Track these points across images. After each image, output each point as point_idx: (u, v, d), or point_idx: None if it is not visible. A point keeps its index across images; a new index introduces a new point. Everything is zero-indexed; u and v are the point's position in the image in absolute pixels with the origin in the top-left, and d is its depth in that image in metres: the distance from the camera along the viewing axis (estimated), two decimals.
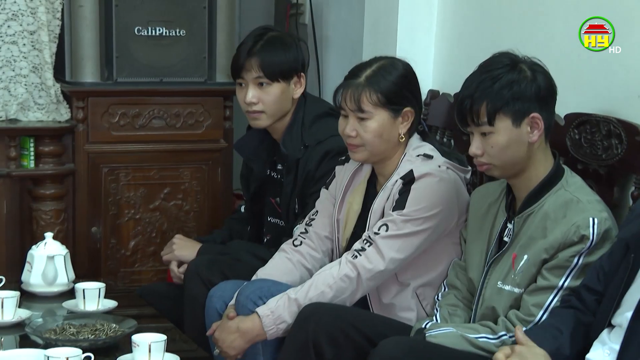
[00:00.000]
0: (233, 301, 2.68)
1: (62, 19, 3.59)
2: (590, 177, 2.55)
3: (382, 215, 2.64)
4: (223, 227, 3.37)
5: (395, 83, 2.64)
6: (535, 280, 2.33)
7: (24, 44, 3.56)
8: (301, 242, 2.83)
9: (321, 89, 4.03)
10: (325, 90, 3.99)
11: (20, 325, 2.62)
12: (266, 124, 3.06)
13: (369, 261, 2.57)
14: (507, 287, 2.38)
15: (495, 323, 2.37)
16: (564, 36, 2.79)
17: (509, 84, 2.32)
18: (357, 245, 2.62)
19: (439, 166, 2.63)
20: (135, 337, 2.34)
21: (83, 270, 3.38)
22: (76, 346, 2.31)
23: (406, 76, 2.68)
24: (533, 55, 2.41)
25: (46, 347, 2.33)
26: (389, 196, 2.64)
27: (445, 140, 3.17)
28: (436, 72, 3.37)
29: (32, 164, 3.52)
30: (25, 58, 3.56)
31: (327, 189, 2.86)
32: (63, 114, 3.60)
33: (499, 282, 2.40)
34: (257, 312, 2.57)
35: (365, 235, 2.63)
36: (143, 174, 3.65)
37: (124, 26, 3.57)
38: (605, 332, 2.08)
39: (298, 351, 2.48)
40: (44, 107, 3.59)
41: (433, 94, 3.28)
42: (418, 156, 2.65)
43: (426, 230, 2.59)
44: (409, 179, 2.61)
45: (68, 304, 2.77)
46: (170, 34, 3.62)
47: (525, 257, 2.35)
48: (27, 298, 2.83)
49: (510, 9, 3.05)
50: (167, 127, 3.67)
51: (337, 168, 2.86)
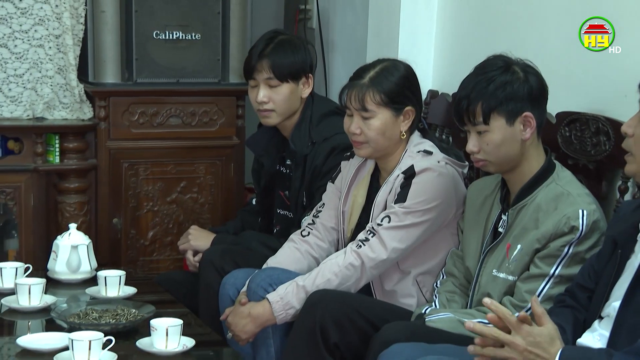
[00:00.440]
0: (245, 288, 2.68)
1: (85, 24, 3.59)
2: (580, 172, 2.55)
3: (385, 207, 2.64)
4: (236, 219, 3.37)
5: (397, 84, 2.64)
6: (528, 268, 2.33)
7: (50, 47, 3.56)
8: (309, 233, 2.83)
9: (327, 89, 4.03)
10: (331, 90, 3.99)
11: (46, 310, 2.62)
12: (276, 122, 3.06)
13: (373, 251, 2.57)
14: (502, 275, 2.38)
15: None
16: (556, 39, 2.79)
17: (503, 85, 2.32)
18: (361, 235, 2.62)
19: (438, 161, 2.63)
20: (153, 322, 2.34)
21: (105, 259, 3.39)
22: (98, 330, 2.32)
23: (407, 77, 2.68)
24: (526, 57, 2.40)
25: (70, 331, 2.34)
26: (391, 189, 2.64)
27: (444, 137, 3.17)
28: (435, 73, 3.37)
29: (58, 160, 3.53)
30: (51, 60, 3.57)
31: (333, 183, 2.86)
32: (86, 113, 3.60)
33: (494, 270, 2.40)
34: (268, 299, 2.58)
35: (368, 226, 2.63)
36: (161, 169, 3.65)
37: (143, 30, 3.57)
38: (595, 323, 2.07)
39: (306, 335, 2.48)
40: (69, 106, 3.59)
41: (433, 94, 3.28)
42: (418, 152, 2.65)
43: (426, 221, 2.59)
44: (410, 174, 2.61)
45: (91, 291, 2.78)
46: (186, 38, 3.63)
47: (518, 247, 2.35)
48: (53, 285, 2.84)
49: (505, 14, 3.04)
50: (183, 125, 3.67)
51: (343, 163, 2.86)
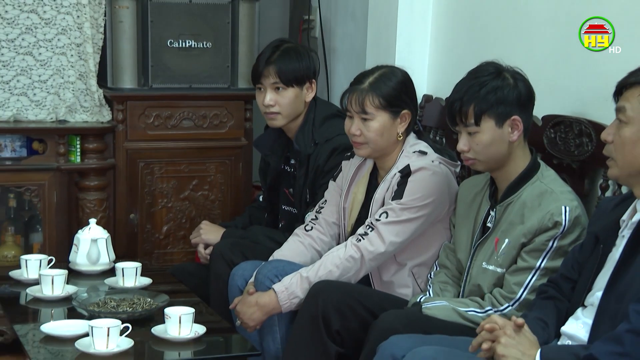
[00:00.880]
0: (252, 279, 2.68)
1: (105, 33, 3.59)
2: (564, 171, 2.55)
3: (383, 204, 2.65)
4: (244, 214, 3.37)
5: (394, 88, 2.64)
6: (515, 261, 2.34)
7: (72, 55, 3.56)
8: (312, 228, 2.83)
9: (329, 94, 4.03)
10: (333, 94, 3.99)
11: (68, 299, 2.63)
12: (281, 124, 3.06)
13: (371, 244, 2.57)
14: (491, 267, 2.38)
15: (482, 299, 2.37)
16: (542, 47, 2.78)
17: (494, 90, 2.32)
18: (361, 230, 2.62)
19: (432, 161, 2.63)
20: (167, 310, 2.34)
21: (122, 251, 3.39)
22: (116, 317, 2.33)
23: (404, 82, 2.68)
24: (513, 64, 2.41)
25: (90, 318, 2.34)
26: (389, 187, 2.65)
27: (437, 138, 3.17)
28: (430, 79, 3.37)
29: (79, 159, 3.53)
30: (72, 67, 3.57)
31: (335, 181, 2.87)
32: (105, 116, 3.61)
33: (484, 263, 2.40)
34: (274, 289, 2.58)
35: (367, 221, 2.63)
36: (174, 168, 3.66)
37: (158, 39, 3.57)
38: (579, 310, 2.07)
39: (309, 323, 2.49)
40: (89, 110, 3.59)
41: (427, 98, 3.28)
42: (414, 152, 2.66)
43: (421, 217, 2.59)
44: (406, 172, 2.61)
45: (109, 281, 2.79)
46: (198, 46, 3.63)
47: (506, 241, 2.35)
48: (74, 276, 2.84)
49: (494, 25, 3.04)
50: (195, 127, 3.67)
51: (344, 162, 2.86)
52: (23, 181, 3.49)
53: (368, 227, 2.60)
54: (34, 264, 2.80)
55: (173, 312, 2.32)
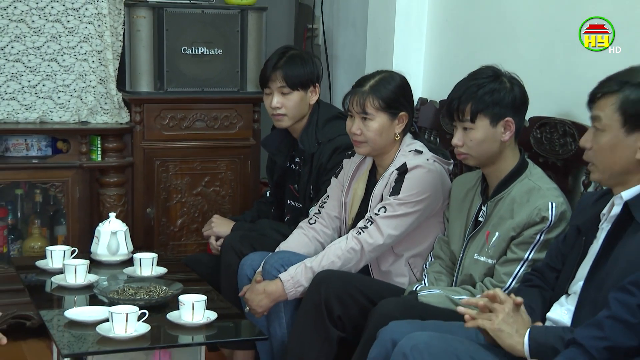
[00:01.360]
0: (260, 269, 2.68)
1: (123, 41, 3.59)
2: (549, 169, 2.54)
3: (381, 199, 2.64)
4: (252, 209, 3.37)
5: (393, 92, 2.64)
6: (505, 253, 2.33)
7: (93, 61, 3.56)
8: (315, 221, 2.82)
9: (332, 97, 4.02)
10: (335, 97, 3.99)
11: (89, 287, 2.62)
12: (287, 125, 3.06)
13: (371, 237, 2.57)
14: (482, 259, 2.37)
15: (473, 287, 2.37)
16: (528, 54, 2.78)
17: (491, 92, 2.32)
18: (361, 223, 2.61)
19: (427, 159, 2.62)
20: (181, 297, 2.34)
21: (139, 243, 3.39)
22: (134, 304, 2.32)
23: (402, 86, 2.68)
24: (503, 68, 2.41)
25: (110, 305, 2.33)
26: (387, 184, 2.64)
27: (432, 138, 3.16)
28: (425, 83, 3.36)
29: (99, 158, 3.53)
30: (94, 72, 3.57)
31: (337, 178, 2.86)
32: (124, 117, 3.60)
33: (476, 254, 2.39)
34: (280, 278, 2.57)
35: (367, 215, 2.63)
36: (188, 166, 3.65)
37: (173, 46, 3.57)
38: (563, 297, 2.07)
39: (313, 309, 2.48)
40: (109, 112, 3.59)
41: (422, 101, 3.27)
42: (410, 151, 2.65)
43: (417, 211, 2.58)
44: (403, 170, 2.60)
45: (128, 270, 2.78)
46: (210, 53, 3.62)
47: (496, 234, 2.34)
48: (95, 265, 2.83)
49: (484, 33, 3.03)
50: (207, 128, 3.66)
51: (345, 161, 2.86)
52: (48, 178, 3.49)
53: (367, 221, 2.59)
54: (59, 255, 2.79)
55: (187, 299, 2.31)
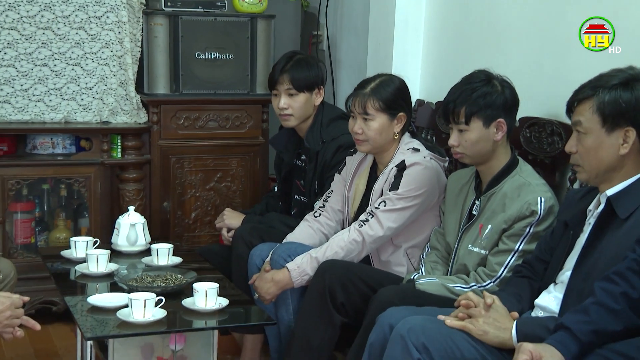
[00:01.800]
0: (269, 258, 2.67)
1: (142, 47, 3.59)
2: (538, 165, 2.53)
3: (381, 194, 2.63)
4: (261, 203, 3.36)
5: (393, 94, 2.63)
6: (497, 244, 2.32)
7: (114, 65, 3.55)
8: (320, 214, 2.82)
9: (335, 98, 4.01)
10: (338, 99, 3.98)
11: (110, 275, 2.61)
12: (294, 125, 3.05)
13: (371, 229, 2.56)
14: (476, 249, 2.37)
15: (467, 276, 2.36)
16: (518, 58, 2.77)
17: (484, 95, 2.31)
18: (363, 217, 2.61)
19: (424, 157, 2.61)
20: (195, 285, 2.33)
21: (156, 234, 3.38)
22: (151, 291, 2.32)
23: (401, 89, 2.67)
24: (495, 71, 2.39)
25: (129, 292, 2.33)
26: (387, 179, 2.63)
27: (429, 137, 3.15)
28: (422, 86, 3.35)
29: (119, 155, 3.52)
30: (114, 76, 3.56)
31: (340, 174, 2.85)
32: (142, 118, 3.59)
33: (469, 245, 2.39)
34: (287, 267, 2.57)
35: (368, 209, 2.62)
36: (201, 163, 3.64)
37: (188, 52, 3.56)
38: (551, 286, 2.07)
39: (317, 296, 2.48)
40: (128, 113, 3.58)
41: (420, 102, 3.25)
42: (408, 149, 2.64)
43: (414, 205, 2.57)
44: (402, 167, 2.59)
45: (145, 260, 2.77)
46: (222, 57, 3.61)
47: (489, 227, 2.34)
48: (115, 255, 2.83)
49: (477, 39, 3.02)
50: (220, 128, 3.66)
51: (347, 158, 2.85)
52: (72, 174, 3.49)
53: (369, 214, 2.58)
54: (82, 245, 2.79)
55: (200, 287, 2.31)
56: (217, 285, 2.34)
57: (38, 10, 3.44)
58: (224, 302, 2.33)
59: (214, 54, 3.60)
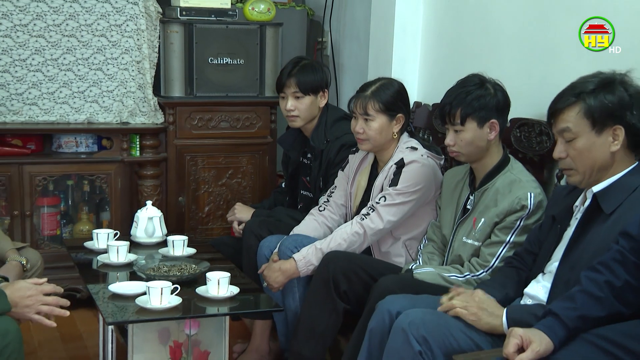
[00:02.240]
0: (276, 249, 2.67)
1: (159, 52, 3.58)
2: (527, 163, 2.52)
3: (382, 189, 2.62)
4: (270, 198, 3.35)
5: (392, 96, 2.62)
6: (489, 236, 2.31)
7: (133, 70, 3.55)
8: (324, 208, 2.81)
9: (338, 100, 4.00)
10: (341, 101, 3.97)
11: (129, 265, 2.61)
12: (300, 125, 3.04)
13: (372, 222, 2.55)
14: (470, 241, 2.36)
15: (461, 266, 2.35)
16: (510, 63, 2.75)
17: (477, 98, 2.31)
18: (364, 211, 2.60)
19: (422, 155, 2.60)
20: (208, 274, 2.33)
21: (172, 227, 3.38)
22: (168, 280, 2.32)
23: (400, 92, 2.66)
24: (488, 75, 2.38)
25: (147, 280, 2.33)
26: (386, 176, 2.62)
27: (426, 136, 3.13)
28: (420, 88, 3.34)
29: (138, 153, 3.52)
30: (133, 79, 3.56)
31: (343, 171, 2.84)
32: (159, 119, 3.59)
33: (464, 237, 2.38)
34: (294, 257, 2.56)
35: (369, 204, 2.61)
36: (214, 160, 3.64)
37: (201, 57, 3.55)
38: (540, 276, 2.06)
39: (322, 285, 2.47)
40: (146, 114, 3.58)
41: (417, 104, 3.24)
42: (407, 148, 2.63)
43: (412, 200, 2.56)
44: (401, 164, 2.58)
45: (162, 251, 2.77)
46: (233, 62, 3.61)
47: (482, 220, 2.33)
48: (134, 246, 2.83)
49: (471, 45, 3.01)
50: (231, 128, 3.65)
51: (350, 156, 2.84)
52: (95, 171, 3.49)
53: (370, 209, 2.58)
54: (103, 237, 2.79)
55: (213, 276, 2.31)
56: (229, 274, 2.33)
57: (63, 19, 3.44)
58: (235, 290, 2.33)
59: (226, 59, 3.60)
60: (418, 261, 2.51)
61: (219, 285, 2.29)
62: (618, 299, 1.75)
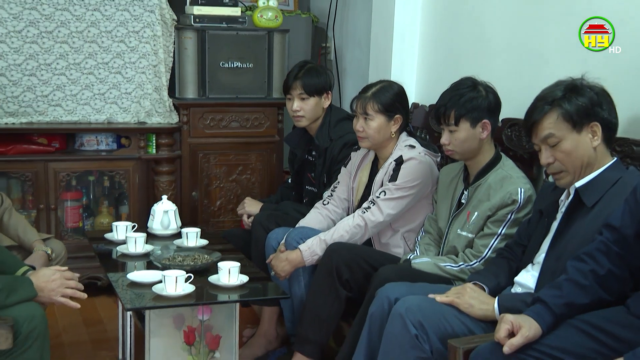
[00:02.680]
0: (283, 241, 2.67)
1: (174, 57, 3.59)
2: (518, 160, 2.51)
3: (382, 185, 2.62)
4: (277, 192, 3.35)
5: (391, 98, 2.62)
6: (482, 229, 2.31)
7: (150, 73, 3.55)
8: (328, 202, 2.81)
9: (341, 102, 4.00)
10: (344, 102, 3.96)
11: (146, 255, 2.61)
12: (305, 125, 3.04)
13: (373, 215, 2.55)
14: (464, 233, 2.35)
15: (456, 256, 2.35)
16: (501, 66, 2.75)
17: (470, 100, 2.30)
18: (365, 204, 2.59)
19: (419, 153, 2.60)
20: (220, 264, 2.32)
21: (186, 220, 3.39)
22: (182, 269, 2.31)
23: (399, 94, 2.65)
24: (481, 78, 2.38)
25: (163, 269, 2.33)
26: (386, 172, 2.62)
27: (423, 135, 3.12)
28: (417, 91, 3.33)
29: (154, 151, 3.52)
30: (150, 82, 3.56)
31: (345, 167, 2.84)
32: (174, 119, 3.59)
33: (458, 230, 2.37)
34: (299, 248, 2.56)
35: (370, 198, 2.61)
36: (225, 158, 3.64)
37: (213, 61, 3.55)
38: (529, 266, 2.07)
39: (326, 274, 2.47)
40: (162, 114, 3.58)
41: (415, 105, 3.23)
42: (405, 146, 2.63)
43: (410, 195, 2.56)
44: (400, 161, 2.58)
45: (177, 242, 2.76)
46: (243, 66, 3.61)
47: (476, 214, 2.32)
48: (151, 237, 2.82)
49: (466, 50, 3.00)
50: (241, 127, 3.65)
51: (352, 153, 2.84)
52: (114, 167, 3.50)
53: (370, 202, 2.57)
54: (122, 229, 2.79)
55: (224, 265, 2.30)
56: (239, 264, 2.33)
57: (86, 26, 3.45)
58: (245, 279, 2.33)
59: (236, 63, 3.59)
60: (415, 252, 2.50)
61: (230, 274, 2.29)
62: (602, 287, 1.76)
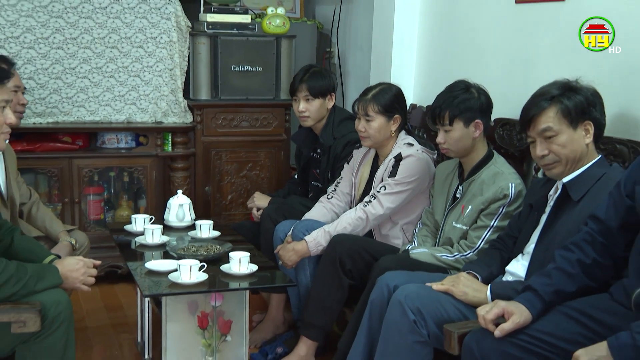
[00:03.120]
0: (290, 232, 2.67)
1: (188, 61, 3.58)
2: (509, 157, 2.50)
3: (382, 180, 2.61)
4: (284, 188, 3.35)
5: (390, 99, 2.61)
6: (476, 221, 2.31)
7: (166, 76, 3.55)
8: (332, 197, 2.80)
9: (344, 102, 3.99)
10: (347, 103, 3.96)
11: (163, 245, 2.61)
12: (311, 124, 3.03)
13: (374, 208, 2.55)
14: (459, 225, 2.35)
15: (451, 247, 2.34)
16: (494, 69, 2.74)
17: (463, 101, 2.30)
18: (366, 198, 2.59)
19: (417, 150, 2.60)
20: (231, 254, 2.32)
21: (200, 212, 3.39)
22: (196, 258, 2.31)
23: (398, 95, 2.65)
24: (474, 81, 2.37)
25: (178, 259, 2.33)
26: (386, 168, 2.61)
27: (420, 134, 3.12)
28: (415, 92, 3.32)
29: (170, 149, 3.52)
30: (166, 85, 3.56)
31: (348, 164, 2.84)
32: (188, 119, 3.59)
33: (454, 222, 2.37)
34: (305, 239, 2.56)
35: (371, 192, 2.61)
36: (236, 155, 3.64)
37: (225, 65, 3.55)
38: (519, 255, 2.07)
39: (330, 263, 2.48)
40: (177, 114, 3.58)
41: (413, 106, 3.23)
42: (404, 144, 2.62)
43: (409, 189, 2.56)
44: (399, 158, 2.58)
45: (191, 233, 2.77)
46: (252, 70, 3.60)
47: (470, 207, 2.32)
48: (167, 229, 2.82)
49: (461, 54, 2.99)
50: (251, 127, 3.65)
51: (354, 151, 2.83)
52: (133, 164, 3.50)
53: (371, 197, 2.57)
54: (141, 221, 2.79)
55: (235, 255, 2.30)
56: (249, 254, 2.33)
57: (107, 33, 3.45)
58: (254, 268, 2.33)
59: (246, 67, 3.59)
60: (413, 243, 2.50)
61: (240, 263, 2.29)
62: (587, 275, 1.76)
